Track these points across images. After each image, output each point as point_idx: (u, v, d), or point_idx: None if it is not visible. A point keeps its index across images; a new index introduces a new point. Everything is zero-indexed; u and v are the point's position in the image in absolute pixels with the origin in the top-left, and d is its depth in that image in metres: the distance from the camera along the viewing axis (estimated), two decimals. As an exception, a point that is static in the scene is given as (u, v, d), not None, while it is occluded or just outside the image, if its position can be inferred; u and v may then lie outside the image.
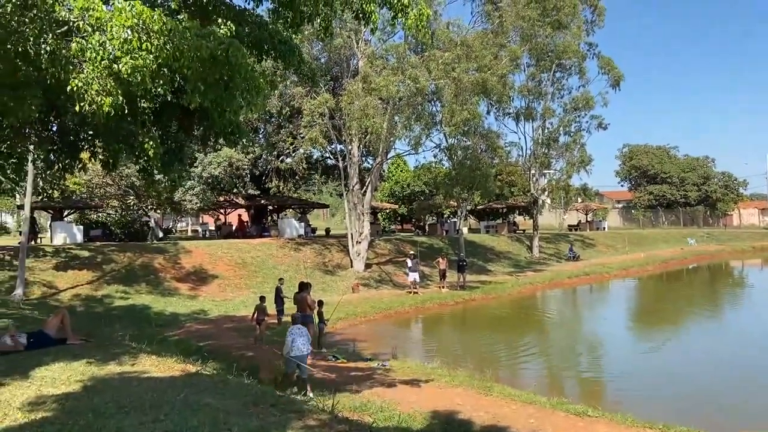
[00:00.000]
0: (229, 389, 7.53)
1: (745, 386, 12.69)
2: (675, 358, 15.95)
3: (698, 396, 12.08)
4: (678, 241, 56.04)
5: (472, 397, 9.92)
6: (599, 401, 10.62)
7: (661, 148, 77.02)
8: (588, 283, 34.12)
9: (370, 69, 26.26)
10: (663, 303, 27.35)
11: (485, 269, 35.19)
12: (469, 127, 29.08)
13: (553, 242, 47.50)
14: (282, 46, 8.72)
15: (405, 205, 52.99)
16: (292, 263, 28.19)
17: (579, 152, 42.07)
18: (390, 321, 21.93)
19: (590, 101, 40.56)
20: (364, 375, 11.66)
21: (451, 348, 17.53)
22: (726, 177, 74.83)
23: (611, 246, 49.81)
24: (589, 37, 41.18)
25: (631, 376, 13.66)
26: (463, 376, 11.69)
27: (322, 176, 40.62)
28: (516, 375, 13.83)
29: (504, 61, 28.75)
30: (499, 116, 40.73)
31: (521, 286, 30.20)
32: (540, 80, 40.83)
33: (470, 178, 31.33)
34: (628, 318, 23.85)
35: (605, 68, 41.18)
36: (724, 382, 13.15)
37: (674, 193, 71.67)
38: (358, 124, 26.15)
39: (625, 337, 19.81)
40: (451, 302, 25.49)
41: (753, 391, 12.29)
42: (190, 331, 17.26)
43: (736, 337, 19.04)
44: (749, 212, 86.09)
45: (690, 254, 49.98)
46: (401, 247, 35.65)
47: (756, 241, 59.35)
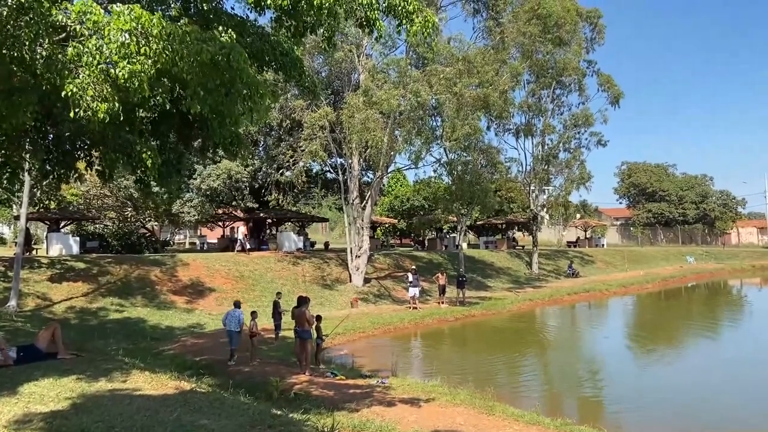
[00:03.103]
0: (224, 409, 7.25)
1: (746, 409, 12.43)
2: (675, 379, 15.69)
3: (696, 418, 11.80)
4: (677, 259, 55.87)
5: (473, 417, 9.65)
6: (602, 422, 10.35)
7: (659, 165, 77.18)
8: (587, 300, 33.85)
9: (371, 83, 26.22)
10: (663, 322, 27.07)
11: (485, 285, 34.93)
12: (470, 142, 29.01)
13: (552, 258, 47.27)
14: (283, 57, 8.57)
15: (404, 219, 52.81)
16: (291, 277, 27.93)
17: (578, 169, 42.08)
18: (389, 337, 21.64)
19: (590, 118, 40.65)
20: (363, 392, 11.37)
21: (451, 365, 17.24)
22: (724, 195, 74.88)
23: (610, 263, 49.61)
24: (589, 54, 41.40)
25: (632, 397, 13.39)
26: (464, 394, 11.40)
27: (322, 190, 40.46)
28: (517, 394, 13.55)
29: (505, 77, 28.71)
30: (500, 132, 40.84)
31: (521, 303, 29.95)
32: (540, 97, 40.92)
33: (470, 194, 31.15)
34: (629, 337, 23.56)
35: (605, 85, 41.31)
36: (723, 403, 12.90)
37: (672, 211, 71.64)
38: (358, 138, 26.05)
39: (626, 356, 19.53)
40: (450, 318, 25.21)
41: (754, 414, 12.03)
42: (186, 346, 16.95)
43: (736, 358, 18.75)
44: (748, 231, 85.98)
45: (689, 272, 49.82)
46: (400, 261, 35.43)
47: (755, 260, 59.19)
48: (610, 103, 41.32)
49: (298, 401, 10.34)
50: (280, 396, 10.75)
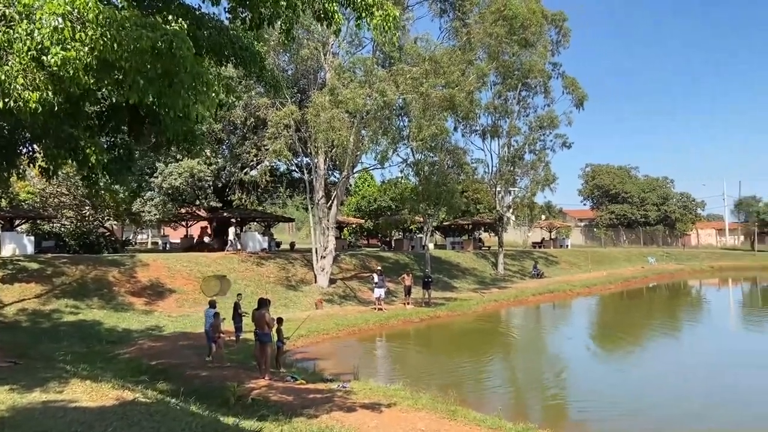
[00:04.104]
0: (166, 420, 6.85)
1: (707, 408, 12.58)
2: (638, 380, 15.81)
3: (657, 419, 11.86)
4: (638, 259, 56.99)
5: (435, 422, 9.45)
6: (564, 426, 10.29)
7: (622, 168, 78.57)
8: (552, 300, 34.17)
9: (337, 81, 25.91)
10: (626, 322, 27.44)
11: (450, 286, 34.94)
12: (437, 142, 28.97)
13: (517, 259, 47.67)
14: (243, 52, 8.24)
15: (371, 220, 52.59)
16: (255, 278, 27.44)
17: (543, 170, 42.49)
18: (354, 338, 21.38)
19: (555, 120, 41.09)
20: (324, 397, 11.08)
21: (415, 367, 17.07)
22: (684, 198, 76.64)
23: (574, 264, 50.27)
24: (554, 57, 41.79)
25: (594, 399, 13.42)
26: (427, 398, 11.22)
27: (288, 189, 39.93)
28: (481, 397, 13.43)
29: (471, 77, 28.73)
30: (466, 133, 40.88)
31: (486, 303, 30.03)
32: (506, 98, 41.22)
33: (436, 194, 31.14)
34: (592, 338, 23.78)
35: (569, 88, 41.80)
36: (683, 404, 13.02)
37: (634, 212, 73.03)
38: (324, 137, 25.72)
39: (589, 357, 19.67)
40: (416, 319, 25.08)
41: (711, 413, 12.17)
42: (143, 349, 16.40)
43: (697, 357, 19.09)
44: (707, 233, 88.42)
45: (651, 273, 50.87)
46: (367, 262, 35.19)
47: (713, 261, 60.79)
48: (574, 105, 41.83)
49: (256, 407, 10.01)
50: (237, 402, 10.40)
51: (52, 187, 31.37)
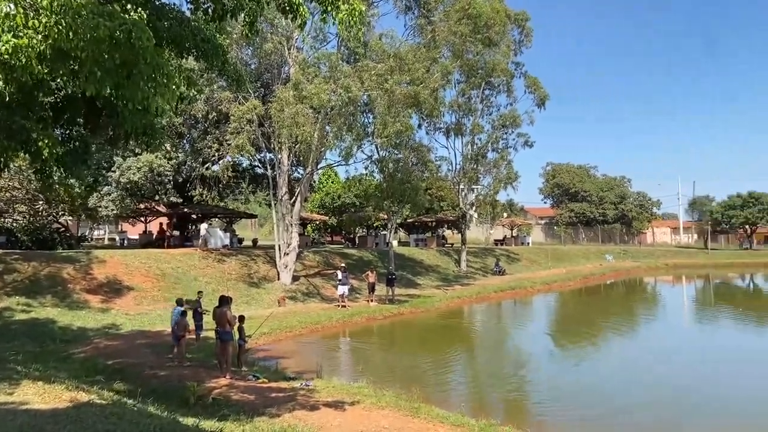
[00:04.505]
0: (122, 422, 6.63)
1: (660, 402, 12.93)
2: (596, 375, 16.17)
3: (615, 413, 12.15)
4: (597, 257, 58.30)
5: (399, 420, 9.45)
6: (525, 421, 10.43)
7: (581, 167, 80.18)
8: (513, 297, 34.65)
9: (301, 76, 25.65)
10: (585, 318, 28.03)
11: (414, 283, 35.08)
12: (401, 139, 28.99)
13: (480, 256, 48.18)
14: (205, 44, 8.05)
15: (335, 216, 52.37)
16: (216, 275, 27.00)
17: (506, 169, 43.05)
18: (317, 336, 21.25)
19: (517, 119, 41.63)
20: (286, 396, 10.96)
21: (378, 365, 17.08)
22: (641, 197, 78.68)
23: (535, 261, 51.08)
24: (517, 56, 42.34)
25: (555, 394, 13.66)
26: (390, 396, 11.21)
27: (250, 185, 39.40)
28: (444, 394, 13.51)
29: (436, 75, 28.86)
30: (430, 130, 41.21)
31: (449, 300, 30.24)
32: (470, 96, 41.53)
33: (401, 191, 31.22)
34: (553, 333, 24.21)
35: (531, 87, 42.42)
36: (641, 399, 13.34)
37: (593, 210, 74.64)
38: (287, 132, 25.46)
39: (550, 353, 20.00)
40: (379, 316, 25.09)
41: (667, 408, 12.51)
42: (99, 348, 15.94)
43: (653, 353, 19.63)
44: (662, 231, 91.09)
45: (608, 270, 52.10)
46: (330, 259, 35.02)
47: (668, 259, 62.63)
48: (536, 104, 42.51)
49: (217, 407, 9.84)
50: (198, 401, 10.20)
51: (3, 180, 30.20)
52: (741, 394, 13.36)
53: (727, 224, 73.47)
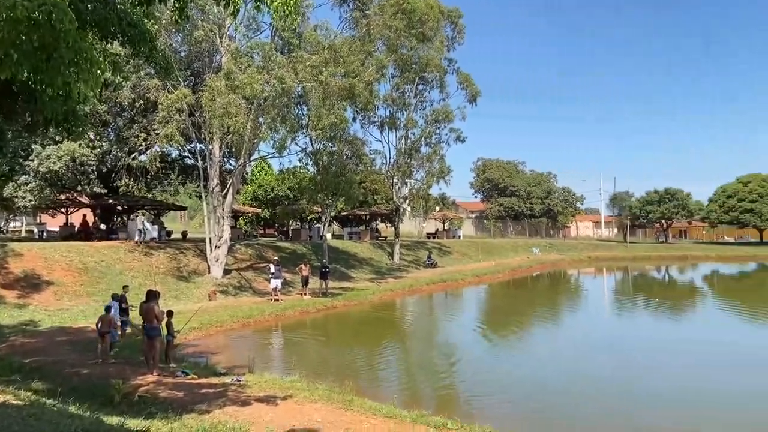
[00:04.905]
0: (41, 423, 6.32)
1: (588, 390, 13.56)
2: (526, 364, 16.75)
3: (543, 401, 12.65)
4: (524, 250, 60.28)
5: (331, 413, 9.47)
6: (457, 411, 10.67)
7: (510, 162, 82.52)
8: (445, 289, 35.33)
9: (233, 66, 25.06)
10: (514, 309, 28.97)
11: (348, 276, 35.14)
12: (336, 132, 28.90)
13: (412, 249, 48.78)
14: (131, 29, 7.73)
15: (268, 209, 51.60)
16: (143, 269, 26.06)
17: (439, 163, 43.71)
18: (249, 330, 20.95)
19: (450, 115, 42.34)
20: (217, 392, 10.76)
21: (312, 358, 17.03)
22: (566, 192, 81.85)
23: (465, 254, 52.24)
24: (450, 52, 43.00)
25: (486, 383, 14.06)
26: (323, 389, 11.23)
27: (180, 176, 38.20)
28: (377, 386, 13.65)
29: (371, 68, 28.86)
30: (365, 124, 41.30)
31: (382, 293, 30.49)
32: (404, 91, 41.87)
33: (335, 184, 31.14)
34: (483, 325, 24.86)
35: (464, 84, 43.24)
36: (569, 386, 13.95)
37: (521, 205, 77.07)
38: (219, 123, 24.85)
39: (480, 343, 20.54)
40: (313, 310, 24.99)
41: (595, 395, 13.15)
42: (15, 346, 15.10)
43: (579, 341, 20.58)
44: (585, 225, 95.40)
45: (535, 263, 54.01)
46: (263, 252, 34.55)
47: (590, 252, 65.60)
48: (468, 100, 43.38)
49: (143, 405, 9.54)
50: (123, 400, 9.85)
51: None
52: (662, 382, 14.18)
53: (645, 219, 77.73)
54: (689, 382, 14.19)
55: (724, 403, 12.25)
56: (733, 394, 12.83)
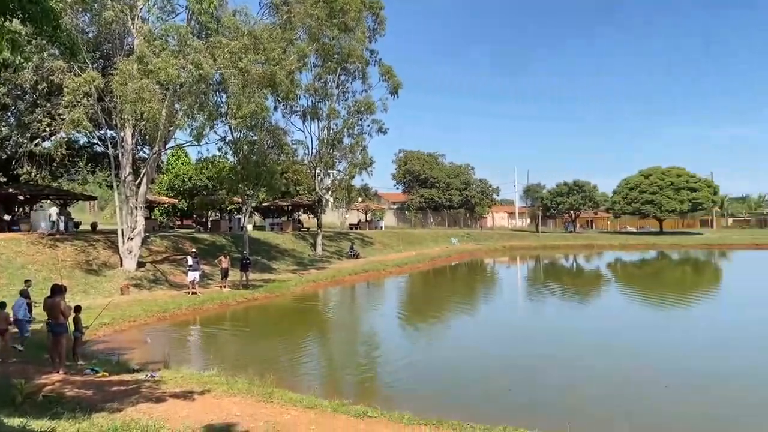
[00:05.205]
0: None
1: (507, 373, 14.12)
2: (444, 349, 17.20)
3: (469, 387, 13.06)
4: (444, 240, 61.74)
5: (251, 406, 9.34)
6: (378, 400, 10.81)
7: (431, 155, 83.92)
8: (367, 279, 35.60)
9: (147, 49, 23.95)
10: (433, 297, 29.64)
11: (269, 267, 34.68)
12: (256, 121, 28.33)
13: (335, 240, 48.79)
14: (32, 6, 7.23)
15: (186, 199, 49.91)
16: (48, 262, 24.57)
17: (361, 154, 43.90)
18: (164, 324, 20.24)
19: (372, 106, 42.52)
20: (129, 390, 10.34)
21: (231, 352, 16.70)
22: (483, 184, 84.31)
23: (387, 244, 52.81)
24: (372, 44, 43.09)
25: (407, 370, 14.32)
26: (243, 383, 11.04)
27: (89, 164, 36.19)
28: (298, 378, 13.57)
29: (292, 57, 28.46)
30: (286, 113, 40.85)
31: (305, 284, 30.33)
32: (326, 81, 41.66)
33: (256, 174, 30.58)
34: (404, 313, 25.26)
35: (386, 75, 43.52)
36: (489, 371, 14.46)
37: (441, 196, 78.70)
38: (131, 109, 23.72)
39: (401, 331, 20.89)
40: (233, 302, 24.49)
41: (514, 378, 13.70)
42: None
43: (497, 327, 21.34)
44: (500, 216, 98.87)
45: (453, 252, 55.48)
46: (180, 244, 33.46)
47: (505, 242, 68.08)
48: (390, 92, 43.70)
49: (48, 405, 9.02)
50: (26, 400, 9.27)
51: None
52: (569, 363, 14.99)
53: (555, 209, 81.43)
54: (595, 361, 15.05)
55: (610, 384, 13.12)
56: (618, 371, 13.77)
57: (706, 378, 13.34)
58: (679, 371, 13.89)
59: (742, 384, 12.70)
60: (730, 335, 18.50)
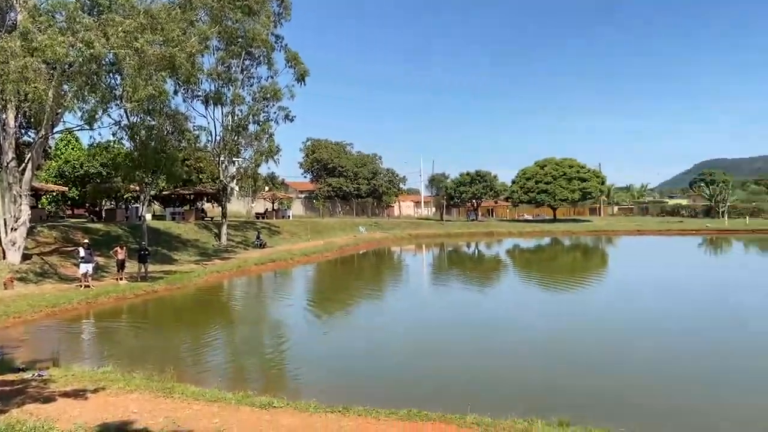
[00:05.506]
0: None
1: (414, 360, 14.45)
2: (354, 339, 17.34)
3: (377, 374, 13.25)
4: (352, 229, 62.05)
5: (149, 402, 8.97)
6: (286, 391, 10.73)
7: (339, 143, 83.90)
8: (274, 269, 35.12)
9: (31, 25, 22.10)
10: (341, 286, 29.74)
11: (170, 258, 33.39)
12: (154, 105, 27.00)
13: (241, 230, 47.75)
14: None
15: (77, 187, 46.80)
16: None
17: (267, 142, 43.07)
18: (54, 320, 18.97)
19: (278, 92, 41.81)
20: (14, 390, 9.62)
21: (129, 347, 15.92)
22: (390, 173, 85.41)
23: (295, 234, 52.35)
24: (277, 29, 42.29)
25: (314, 359, 14.30)
26: (141, 378, 10.57)
27: (-37, 149, 33.00)
28: (203, 371, 13.17)
29: (193, 39, 27.26)
30: (188, 98, 39.35)
31: (208, 275, 29.48)
32: (230, 65, 40.48)
33: (155, 161, 29.21)
34: (311, 302, 25.15)
35: (292, 62, 42.91)
36: (397, 358, 14.74)
37: (349, 185, 78.94)
38: (14, 89, 21.81)
39: (309, 320, 20.77)
40: (130, 295, 23.35)
41: (420, 364, 14.05)
42: None
43: (405, 314, 21.75)
44: (407, 204, 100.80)
45: (361, 241, 55.89)
46: (71, 234, 31.42)
47: (412, 230, 69.49)
48: (296, 79, 43.12)
49: None
50: None
51: None
52: (469, 346, 15.60)
53: (459, 198, 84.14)
54: (494, 343, 15.77)
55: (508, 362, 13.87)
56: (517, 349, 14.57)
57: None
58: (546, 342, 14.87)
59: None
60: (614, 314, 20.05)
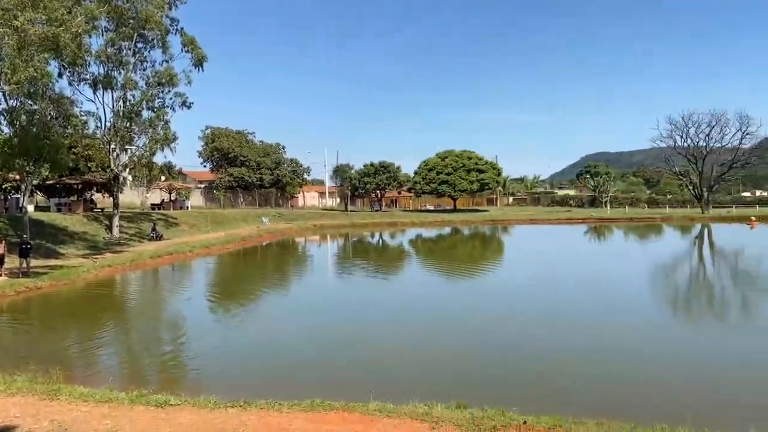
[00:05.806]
0: None
1: (317, 350, 14.53)
2: (257, 332, 17.14)
3: (280, 365, 13.21)
4: (254, 220, 60.92)
5: (33, 406, 8.45)
6: (183, 388, 10.48)
7: (240, 132, 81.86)
8: (172, 262, 33.86)
9: None
10: (243, 278, 29.18)
11: (56, 252, 31.30)
12: (36, 88, 25.15)
13: (135, 221, 45.59)
14: None
15: (-55, 176, 42.55)
16: None
17: (163, 129, 41.33)
18: None
19: (174, 78, 40.13)
20: None
21: (9, 348, 14.82)
22: (294, 163, 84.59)
23: (194, 225, 50.67)
24: (173, 11, 40.48)
25: (217, 355, 13.97)
26: (23, 381, 9.91)
27: None
28: (93, 371, 12.52)
29: (79, 18, 25.61)
30: (74, 81, 36.83)
31: (99, 270, 27.94)
32: (120, 48, 38.36)
33: (37, 149, 27.18)
34: (211, 296, 24.51)
35: (189, 46, 41.26)
36: (300, 350, 14.76)
37: (251, 175, 77.34)
38: None
39: (209, 314, 20.27)
40: (11, 292, 21.70)
41: (323, 354, 14.15)
42: None
43: (309, 305, 21.74)
44: (311, 195, 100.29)
45: (264, 232, 55.04)
46: (-63, 228, 28.59)
47: (316, 221, 69.27)
48: (194, 65, 41.56)
49: None
50: None
51: None
52: (374, 334, 15.91)
53: (363, 189, 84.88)
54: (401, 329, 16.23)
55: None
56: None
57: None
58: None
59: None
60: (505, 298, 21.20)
